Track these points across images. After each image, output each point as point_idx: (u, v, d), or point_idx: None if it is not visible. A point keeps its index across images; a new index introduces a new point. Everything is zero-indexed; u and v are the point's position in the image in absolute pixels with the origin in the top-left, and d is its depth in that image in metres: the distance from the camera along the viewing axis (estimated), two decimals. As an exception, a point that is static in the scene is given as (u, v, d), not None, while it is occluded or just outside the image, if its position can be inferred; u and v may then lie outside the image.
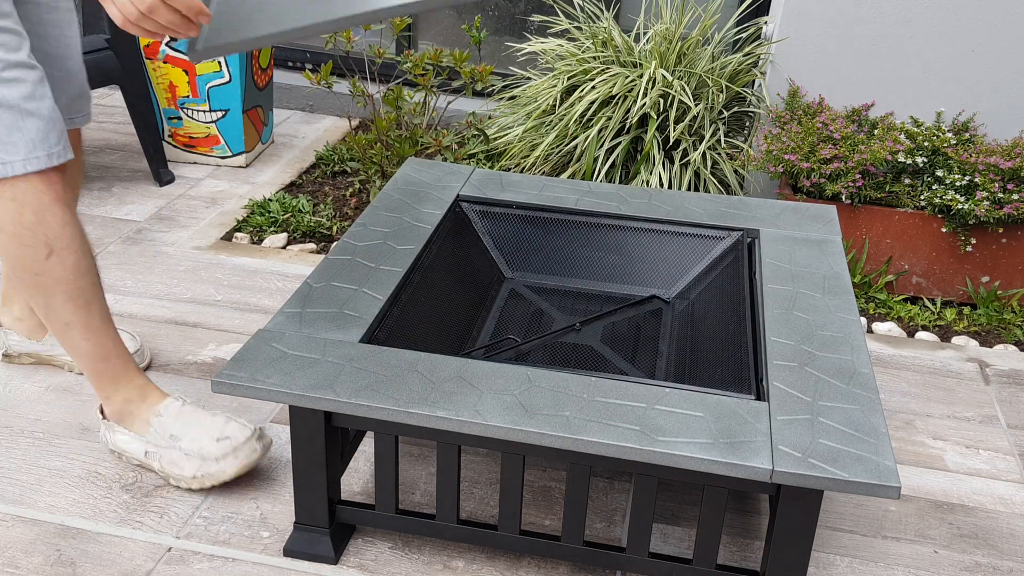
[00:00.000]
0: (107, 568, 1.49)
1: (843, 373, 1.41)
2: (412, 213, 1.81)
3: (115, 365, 1.62)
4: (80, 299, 1.54)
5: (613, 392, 1.34)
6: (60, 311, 1.53)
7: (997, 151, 2.31)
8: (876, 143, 2.33)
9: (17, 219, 1.45)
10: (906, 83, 2.49)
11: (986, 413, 1.97)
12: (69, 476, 1.67)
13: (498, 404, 1.31)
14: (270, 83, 3.03)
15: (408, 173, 1.98)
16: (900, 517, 1.67)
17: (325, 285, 1.57)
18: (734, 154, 2.59)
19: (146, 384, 1.66)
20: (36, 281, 1.50)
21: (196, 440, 1.61)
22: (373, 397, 1.31)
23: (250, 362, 1.37)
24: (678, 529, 1.60)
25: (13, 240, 1.47)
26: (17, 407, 1.85)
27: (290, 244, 2.56)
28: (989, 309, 2.35)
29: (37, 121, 1.42)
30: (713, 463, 1.23)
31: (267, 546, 1.54)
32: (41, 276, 1.50)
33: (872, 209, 2.35)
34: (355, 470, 1.70)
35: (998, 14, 2.38)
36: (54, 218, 1.47)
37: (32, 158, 1.42)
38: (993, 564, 1.58)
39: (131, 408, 1.65)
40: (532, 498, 1.66)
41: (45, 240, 1.47)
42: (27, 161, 1.42)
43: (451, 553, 1.53)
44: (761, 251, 1.74)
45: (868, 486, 1.21)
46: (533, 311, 1.83)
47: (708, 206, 1.90)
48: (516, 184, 1.96)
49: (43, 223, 1.47)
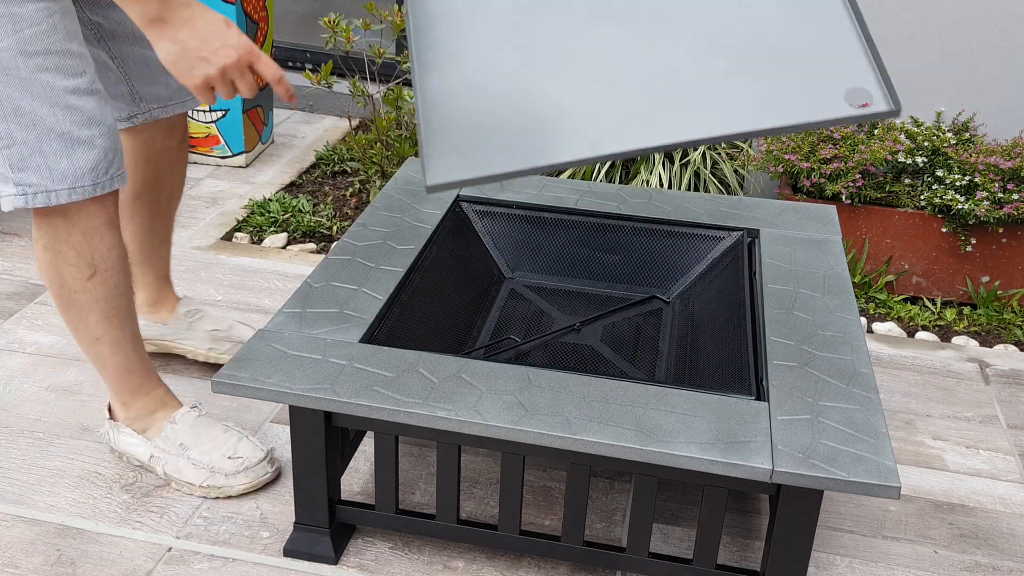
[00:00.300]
0: (107, 568, 1.49)
1: (843, 373, 1.41)
2: (412, 213, 1.81)
3: (138, 377, 1.63)
4: (115, 318, 1.54)
5: (613, 392, 1.34)
6: (93, 328, 1.53)
7: (997, 151, 2.31)
8: (876, 143, 2.33)
9: (65, 238, 1.44)
10: (906, 83, 2.49)
11: (986, 413, 1.97)
12: (69, 476, 1.67)
13: (498, 404, 1.31)
14: (270, 83, 3.03)
15: (408, 173, 1.98)
16: (900, 517, 1.67)
17: (325, 285, 1.57)
18: (734, 154, 2.59)
19: (166, 394, 1.67)
20: (74, 298, 1.50)
21: (207, 454, 1.62)
22: (373, 397, 1.31)
23: (250, 362, 1.37)
24: (678, 529, 1.60)
25: (59, 258, 1.46)
26: (17, 407, 1.85)
27: (290, 244, 2.56)
28: (989, 309, 2.35)
29: (88, 151, 1.39)
30: (713, 463, 1.23)
31: (267, 546, 1.54)
32: (80, 294, 1.49)
33: (872, 209, 2.35)
34: (355, 470, 1.70)
35: (998, 14, 2.38)
36: (102, 240, 1.46)
37: (78, 187, 1.40)
38: (993, 564, 1.58)
39: (147, 416, 1.65)
40: (532, 498, 1.66)
41: (90, 261, 1.46)
42: (72, 191, 1.39)
43: (451, 553, 1.53)
44: (761, 251, 1.74)
45: (868, 486, 1.21)
46: (533, 311, 1.83)
47: (708, 206, 1.89)
48: (516, 184, 1.96)
49: (91, 244, 1.46)
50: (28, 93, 1.33)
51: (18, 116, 1.34)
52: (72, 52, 1.36)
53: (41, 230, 1.45)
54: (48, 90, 1.34)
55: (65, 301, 1.51)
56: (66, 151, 1.37)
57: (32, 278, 2.30)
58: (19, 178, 1.37)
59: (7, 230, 2.54)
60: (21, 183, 1.37)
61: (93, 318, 1.52)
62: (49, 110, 1.35)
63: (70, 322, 1.54)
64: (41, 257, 1.48)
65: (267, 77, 1.27)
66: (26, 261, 2.38)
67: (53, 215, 1.43)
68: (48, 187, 1.38)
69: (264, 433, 1.80)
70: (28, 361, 1.99)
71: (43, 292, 2.24)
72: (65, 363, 1.98)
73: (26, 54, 1.31)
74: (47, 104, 1.34)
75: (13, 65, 1.31)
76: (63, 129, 1.36)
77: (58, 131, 1.36)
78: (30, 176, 1.37)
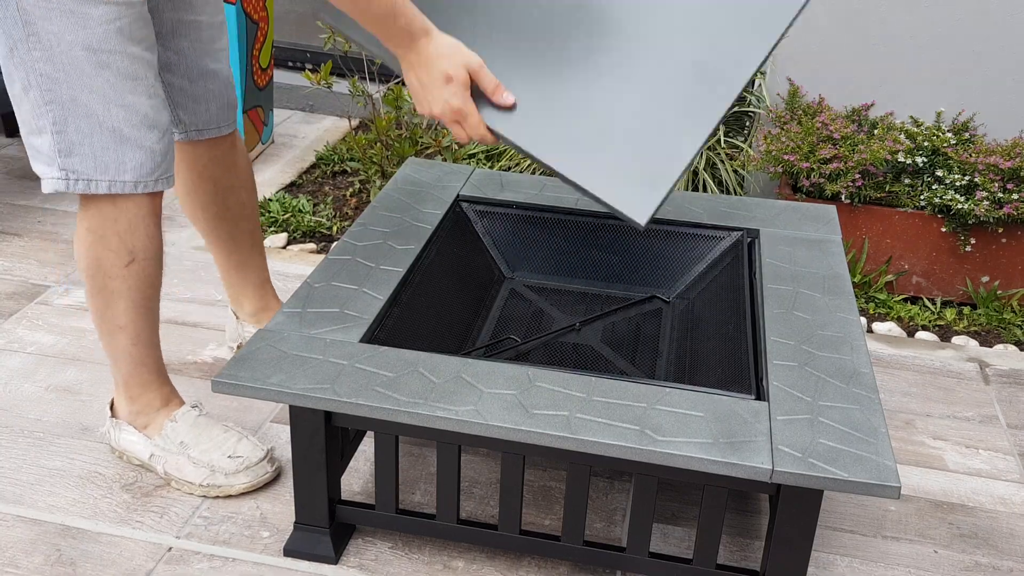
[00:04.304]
0: (107, 568, 1.49)
1: (843, 373, 1.41)
2: (412, 213, 1.81)
3: (151, 371, 1.64)
4: (142, 308, 1.56)
5: (613, 392, 1.34)
6: (119, 316, 1.56)
7: (997, 151, 2.31)
8: (876, 143, 2.33)
9: (112, 225, 1.48)
10: (906, 83, 2.49)
11: (986, 413, 1.97)
12: (69, 476, 1.67)
13: (498, 404, 1.31)
14: (270, 83, 3.03)
15: (408, 173, 1.98)
16: (900, 517, 1.67)
17: (325, 285, 1.57)
18: (734, 154, 2.59)
19: (172, 392, 1.68)
20: (108, 284, 1.53)
21: (207, 453, 1.62)
22: (373, 397, 1.31)
23: (250, 362, 1.37)
24: (678, 529, 1.60)
25: (100, 242, 1.49)
26: (17, 407, 1.85)
27: (290, 244, 2.56)
28: (989, 309, 2.35)
29: (135, 150, 1.44)
30: (713, 463, 1.23)
31: (267, 546, 1.54)
32: (115, 280, 1.52)
33: (872, 209, 2.35)
34: (355, 470, 1.70)
35: (999, 14, 2.38)
36: (146, 230, 1.51)
37: (118, 182, 1.45)
38: (993, 564, 1.58)
39: (151, 412, 1.66)
40: (532, 498, 1.66)
41: (131, 249, 1.50)
42: (113, 183, 1.45)
43: (451, 553, 1.53)
44: (761, 251, 1.74)
45: (868, 486, 1.21)
46: (533, 311, 1.83)
47: (708, 206, 1.89)
48: (516, 184, 1.96)
49: (133, 232, 1.49)
50: (86, 87, 1.39)
51: (74, 106, 1.40)
52: (135, 56, 1.42)
53: (88, 212, 1.49)
54: (106, 87, 1.40)
55: (98, 285, 1.53)
56: (114, 146, 1.43)
57: (33, 278, 2.30)
58: (64, 163, 1.42)
59: (7, 230, 2.54)
60: (65, 168, 1.43)
61: (122, 306, 1.55)
62: (104, 106, 1.40)
63: (96, 308, 1.56)
64: (83, 238, 1.51)
65: (475, 136, 1.40)
66: (26, 261, 2.38)
67: (102, 201, 1.47)
68: (90, 176, 1.43)
69: (264, 433, 1.80)
70: (28, 361, 1.99)
71: (44, 292, 2.24)
72: (65, 363, 1.98)
73: (91, 50, 1.37)
74: (103, 100, 1.40)
75: (77, 58, 1.37)
76: (114, 125, 1.42)
77: (109, 126, 1.42)
78: (75, 163, 1.42)
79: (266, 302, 1.95)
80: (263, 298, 1.95)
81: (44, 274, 2.33)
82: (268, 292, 1.96)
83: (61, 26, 1.35)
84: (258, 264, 1.92)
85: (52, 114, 1.39)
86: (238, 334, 1.98)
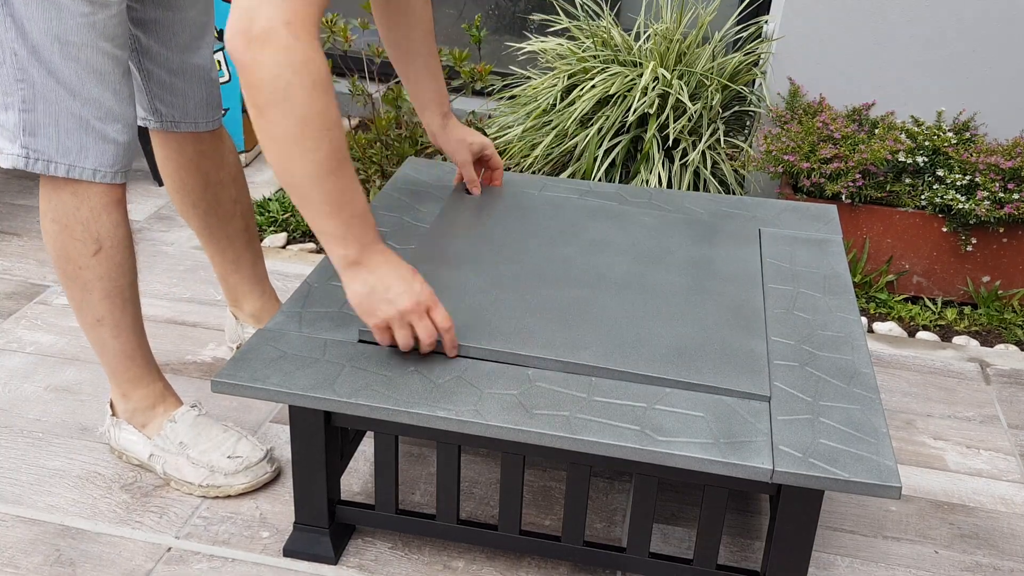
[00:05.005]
0: (107, 568, 1.49)
1: (843, 373, 1.41)
2: (412, 213, 1.81)
3: (139, 366, 1.64)
4: (117, 298, 1.57)
5: (613, 392, 1.34)
6: (96, 307, 1.56)
7: (998, 151, 2.30)
8: (876, 143, 2.33)
9: (74, 213, 1.49)
10: (907, 82, 2.48)
11: (987, 413, 1.97)
12: (69, 476, 1.67)
13: (498, 404, 1.30)
14: (270, 82, 3.02)
15: (408, 172, 1.98)
16: (901, 517, 1.67)
17: (325, 284, 1.57)
18: (734, 154, 2.59)
19: (166, 388, 1.68)
20: (79, 274, 1.53)
21: (207, 453, 1.62)
22: (373, 397, 1.31)
23: (250, 362, 1.37)
24: (678, 529, 1.60)
25: (65, 232, 1.50)
26: (17, 407, 1.85)
27: (290, 244, 2.56)
28: (990, 309, 2.35)
29: (99, 141, 1.46)
30: (713, 463, 1.23)
31: (267, 546, 1.54)
32: (84, 270, 1.53)
33: (872, 209, 2.34)
34: (355, 470, 1.70)
35: (999, 14, 2.38)
36: (109, 218, 1.51)
37: (77, 167, 1.46)
38: (994, 564, 1.58)
39: (147, 410, 1.65)
40: (532, 498, 1.66)
41: (96, 237, 1.51)
42: (71, 168, 1.46)
43: (451, 553, 1.53)
44: (761, 251, 1.74)
45: (869, 486, 1.21)
46: (533, 311, 1.82)
47: (708, 206, 1.89)
48: (516, 183, 1.96)
49: (98, 220, 1.50)
50: (55, 77, 1.40)
51: (44, 89, 1.41)
52: (105, 52, 1.43)
53: (50, 203, 1.50)
54: (74, 79, 1.41)
55: (69, 276, 1.54)
56: (78, 133, 1.44)
57: (32, 278, 2.30)
58: (27, 141, 1.44)
59: (7, 230, 2.53)
60: (27, 146, 1.44)
61: (96, 296, 1.55)
62: (71, 96, 1.42)
63: (73, 299, 1.57)
64: (48, 229, 1.52)
65: (439, 324, 1.35)
66: (26, 261, 2.38)
67: (62, 190, 1.48)
68: (51, 158, 1.45)
69: (264, 433, 1.80)
70: (28, 361, 1.99)
71: (43, 292, 2.24)
72: (65, 363, 1.98)
73: (61, 41, 1.39)
74: (70, 91, 1.41)
75: (48, 47, 1.39)
76: (80, 114, 1.43)
77: (76, 114, 1.43)
78: (38, 142, 1.44)
79: (265, 302, 1.95)
80: (262, 298, 1.95)
81: (43, 274, 2.33)
82: (267, 292, 1.95)
83: (36, 12, 1.36)
84: (254, 263, 1.92)
85: (22, 92, 1.41)
86: (237, 334, 1.97)
